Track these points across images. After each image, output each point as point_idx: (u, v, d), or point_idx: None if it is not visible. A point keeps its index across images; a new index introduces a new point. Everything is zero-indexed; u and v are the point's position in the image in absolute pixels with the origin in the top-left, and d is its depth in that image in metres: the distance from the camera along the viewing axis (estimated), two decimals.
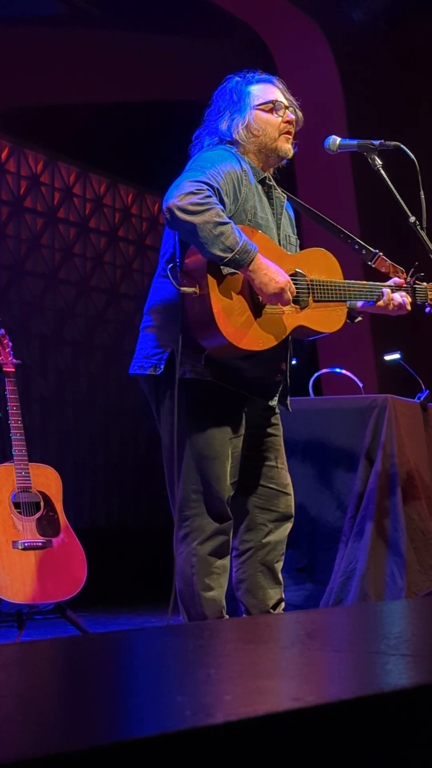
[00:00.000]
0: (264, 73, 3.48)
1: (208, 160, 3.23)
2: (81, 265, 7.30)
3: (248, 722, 1.01)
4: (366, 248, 3.47)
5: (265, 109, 3.37)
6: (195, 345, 3.18)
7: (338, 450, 4.36)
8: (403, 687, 1.22)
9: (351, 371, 5.01)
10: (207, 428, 3.24)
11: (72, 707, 1.17)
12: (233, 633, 1.92)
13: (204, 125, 3.44)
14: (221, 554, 3.26)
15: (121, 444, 7.44)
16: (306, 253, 3.39)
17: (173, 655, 1.57)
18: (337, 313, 3.36)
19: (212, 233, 3.03)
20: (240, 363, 3.22)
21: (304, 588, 4.33)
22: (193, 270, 3.17)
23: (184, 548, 3.26)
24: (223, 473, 3.25)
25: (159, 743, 0.95)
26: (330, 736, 1.08)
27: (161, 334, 3.28)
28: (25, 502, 4.22)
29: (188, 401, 3.23)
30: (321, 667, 1.45)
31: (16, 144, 6.89)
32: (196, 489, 3.26)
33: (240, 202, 3.23)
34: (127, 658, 1.58)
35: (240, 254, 3.05)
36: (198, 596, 3.22)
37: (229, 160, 3.26)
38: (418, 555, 4.26)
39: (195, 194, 3.06)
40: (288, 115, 3.39)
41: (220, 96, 3.43)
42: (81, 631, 4.27)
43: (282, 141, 3.38)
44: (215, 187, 3.13)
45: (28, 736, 1.00)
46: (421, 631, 1.96)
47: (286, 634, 1.88)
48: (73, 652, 1.67)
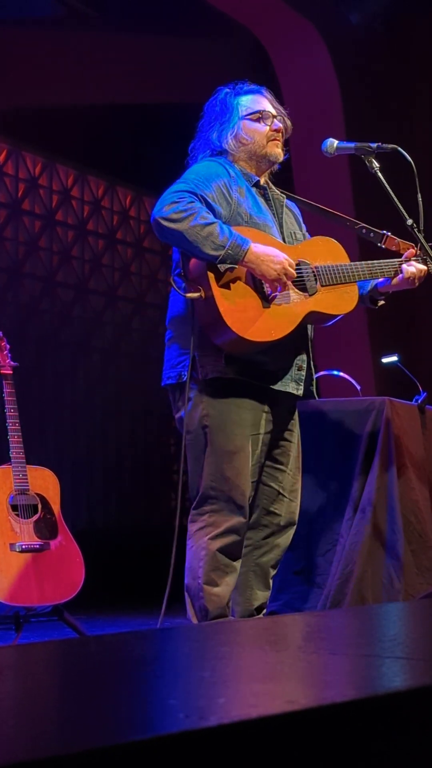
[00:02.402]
0: (252, 83, 3.56)
1: (193, 172, 3.32)
2: (79, 267, 7.30)
3: (242, 725, 1.02)
4: (374, 231, 3.51)
5: (252, 119, 3.46)
6: (213, 346, 3.24)
7: (336, 452, 4.36)
8: (397, 690, 1.22)
9: (349, 374, 5.01)
10: (228, 424, 3.29)
11: (67, 710, 1.17)
12: (227, 636, 1.93)
13: (197, 137, 3.53)
14: (231, 554, 3.28)
15: (118, 446, 7.44)
16: (307, 243, 3.44)
17: (167, 657, 1.58)
18: (348, 294, 3.39)
19: (200, 235, 3.09)
20: (260, 357, 3.27)
21: (301, 590, 4.33)
22: (195, 275, 3.22)
23: (195, 542, 3.30)
24: (243, 468, 3.27)
25: (153, 746, 0.95)
26: (324, 740, 1.08)
27: (182, 343, 3.36)
28: (23, 504, 4.22)
29: (210, 399, 3.28)
30: (316, 670, 1.46)
31: (14, 146, 6.90)
32: (215, 486, 3.29)
33: (233, 206, 3.28)
34: (121, 661, 1.59)
35: (233, 249, 3.11)
36: (202, 590, 3.24)
37: (214, 169, 3.35)
38: (415, 558, 4.26)
39: (177, 203, 3.15)
40: (275, 123, 3.46)
41: (210, 108, 3.53)
42: (78, 634, 4.27)
43: (271, 146, 3.46)
44: (199, 194, 3.21)
45: (24, 738, 1.00)
46: (417, 633, 1.96)
47: (281, 637, 1.88)
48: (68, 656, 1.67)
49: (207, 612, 3.24)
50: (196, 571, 3.27)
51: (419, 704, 1.21)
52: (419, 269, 3.45)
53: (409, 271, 3.44)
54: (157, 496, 7.52)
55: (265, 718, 1.05)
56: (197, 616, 3.28)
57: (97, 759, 0.91)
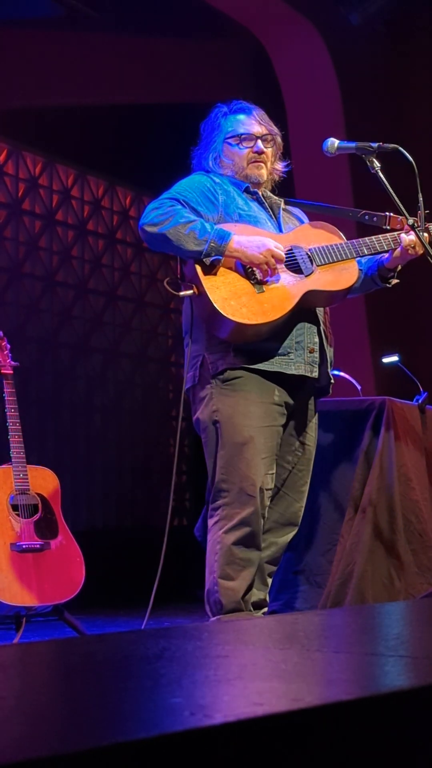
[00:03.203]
0: (245, 102, 3.58)
1: (177, 185, 3.41)
2: (79, 267, 7.29)
3: (247, 723, 1.01)
4: (376, 215, 3.52)
5: (233, 142, 3.51)
6: (220, 341, 3.28)
7: (336, 452, 4.36)
8: (401, 688, 1.22)
9: (349, 373, 5.01)
10: (236, 415, 3.31)
11: (70, 708, 1.17)
12: (232, 634, 1.92)
13: (193, 155, 3.61)
14: (248, 545, 3.28)
15: (118, 446, 7.44)
16: (299, 230, 3.49)
17: (171, 656, 1.57)
18: (347, 270, 3.41)
19: (182, 233, 3.17)
20: (266, 344, 3.29)
21: (302, 590, 4.33)
22: (188, 276, 3.29)
23: (212, 536, 3.32)
24: (253, 459, 3.28)
25: (157, 744, 0.95)
26: (328, 738, 1.08)
27: (195, 348, 3.39)
28: (23, 504, 4.21)
29: (220, 394, 3.30)
30: (319, 669, 1.45)
31: (14, 146, 6.89)
32: (226, 478, 3.31)
33: (220, 208, 3.35)
34: (125, 659, 1.58)
35: (216, 241, 3.17)
36: (217, 584, 3.25)
37: (197, 179, 3.44)
38: (415, 557, 4.26)
39: (158, 208, 3.25)
40: (256, 146, 3.48)
41: (204, 127, 3.61)
42: (79, 634, 4.26)
43: (251, 169, 3.52)
44: (180, 199, 3.30)
45: (27, 737, 1.00)
46: (419, 632, 1.96)
47: (284, 636, 1.88)
48: (71, 654, 1.67)
49: (222, 606, 3.25)
50: (212, 566, 3.30)
51: (423, 702, 1.21)
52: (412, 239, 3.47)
53: (408, 239, 3.44)
54: (157, 496, 7.52)
55: (271, 716, 1.04)
56: (212, 609, 3.29)
57: (103, 757, 0.91)
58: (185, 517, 7.67)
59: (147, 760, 0.94)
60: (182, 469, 7.82)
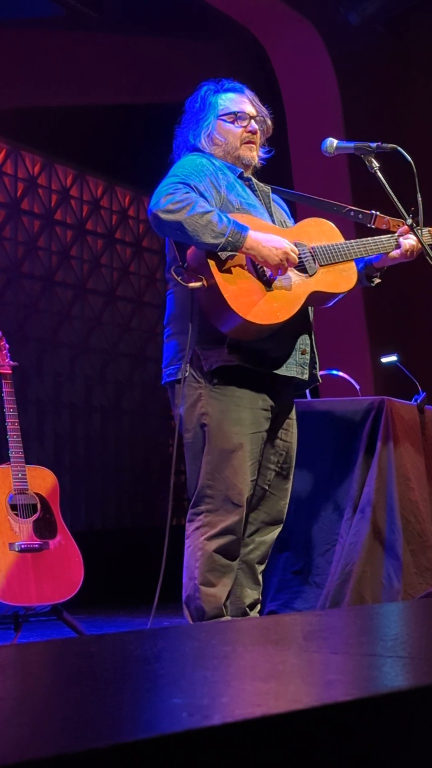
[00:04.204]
0: (235, 81, 3.54)
1: (179, 167, 3.31)
2: (78, 267, 7.29)
3: (245, 724, 1.01)
4: (361, 212, 3.51)
5: (228, 119, 3.44)
6: (216, 336, 3.22)
7: (335, 452, 4.36)
8: (399, 689, 1.22)
9: (348, 373, 5.01)
10: (226, 422, 3.27)
11: (69, 709, 1.17)
12: (230, 635, 1.92)
13: (178, 134, 3.53)
14: (228, 554, 3.26)
15: (117, 446, 7.44)
16: (301, 225, 3.46)
17: (170, 657, 1.57)
18: (347, 272, 3.40)
19: (199, 224, 3.08)
20: (263, 344, 3.25)
21: (301, 591, 4.33)
22: (195, 265, 3.21)
23: (192, 542, 3.28)
24: (241, 467, 3.25)
25: (156, 745, 0.95)
26: (327, 738, 1.08)
27: (181, 339, 3.33)
28: (22, 504, 4.22)
29: (209, 396, 3.26)
30: (318, 669, 1.45)
31: (13, 146, 6.89)
32: (212, 484, 3.27)
33: (223, 195, 3.29)
34: (123, 660, 1.58)
35: (233, 236, 3.11)
36: (198, 590, 3.22)
37: (199, 161, 3.34)
38: (414, 558, 4.26)
39: (173, 194, 3.14)
40: (251, 125, 3.45)
41: (190, 104, 3.53)
42: (77, 633, 4.26)
43: (244, 149, 3.45)
44: (192, 185, 3.20)
45: (26, 737, 1.00)
46: (418, 633, 1.96)
47: (283, 637, 1.88)
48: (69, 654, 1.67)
49: (204, 612, 3.23)
50: (192, 572, 3.26)
51: (422, 703, 1.21)
52: (417, 243, 3.45)
53: (408, 243, 3.44)
54: (156, 495, 7.52)
55: (269, 717, 1.04)
56: (193, 616, 3.26)
57: (102, 758, 0.91)
58: (184, 516, 7.66)
59: (145, 760, 0.94)
60: (181, 468, 7.80)
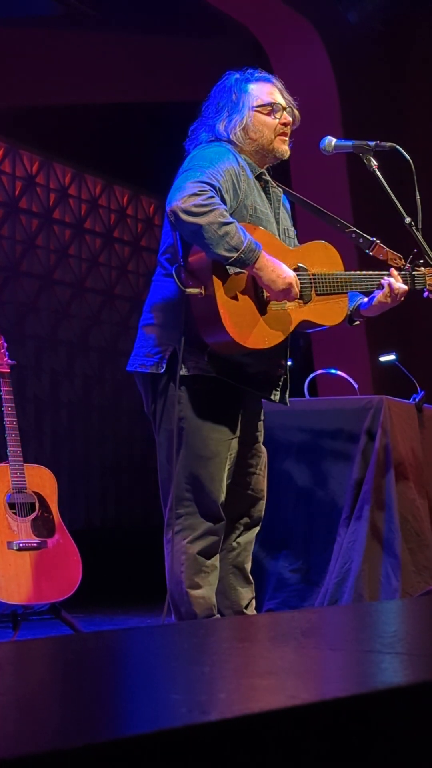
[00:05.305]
0: (263, 71, 3.46)
1: (206, 159, 3.20)
2: (76, 266, 7.29)
3: (243, 720, 1.02)
4: (363, 236, 3.46)
5: (263, 112, 3.34)
6: (198, 343, 3.17)
7: (333, 451, 4.36)
8: (398, 685, 1.22)
9: (346, 372, 5.01)
10: (204, 428, 3.24)
11: (68, 705, 1.17)
12: (228, 631, 1.93)
13: (200, 120, 3.40)
14: (210, 554, 3.26)
15: (116, 444, 7.44)
16: (306, 247, 3.39)
17: (168, 653, 1.57)
18: (338, 305, 3.37)
19: (217, 234, 3.01)
20: (243, 359, 3.22)
21: (299, 589, 4.33)
22: (197, 270, 3.16)
23: (174, 546, 3.25)
24: (217, 474, 3.24)
25: (154, 741, 0.95)
26: (325, 734, 1.08)
27: (163, 333, 3.27)
28: (20, 502, 4.22)
29: (188, 400, 3.23)
30: (316, 666, 1.46)
31: (12, 145, 6.89)
32: (190, 488, 3.25)
33: (240, 199, 3.22)
34: (122, 656, 1.59)
35: (245, 253, 3.05)
36: (186, 594, 3.22)
37: (226, 156, 3.24)
38: (412, 556, 4.26)
39: (198, 195, 3.04)
40: (285, 117, 3.38)
41: (219, 93, 3.39)
42: (75, 632, 4.26)
43: (278, 142, 3.36)
44: (216, 187, 3.11)
45: (25, 733, 1.00)
46: (416, 630, 1.97)
47: (281, 633, 1.88)
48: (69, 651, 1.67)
49: (195, 616, 3.23)
50: (178, 576, 3.24)
51: (420, 699, 1.21)
52: (399, 287, 3.37)
53: (397, 286, 3.35)
54: (155, 494, 7.52)
55: (267, 712, 1.05)
56: (184, 620, 3.26)
57: (101, 753, 0.91)
58: None
59: (144, 756, 0.94)
60: None
